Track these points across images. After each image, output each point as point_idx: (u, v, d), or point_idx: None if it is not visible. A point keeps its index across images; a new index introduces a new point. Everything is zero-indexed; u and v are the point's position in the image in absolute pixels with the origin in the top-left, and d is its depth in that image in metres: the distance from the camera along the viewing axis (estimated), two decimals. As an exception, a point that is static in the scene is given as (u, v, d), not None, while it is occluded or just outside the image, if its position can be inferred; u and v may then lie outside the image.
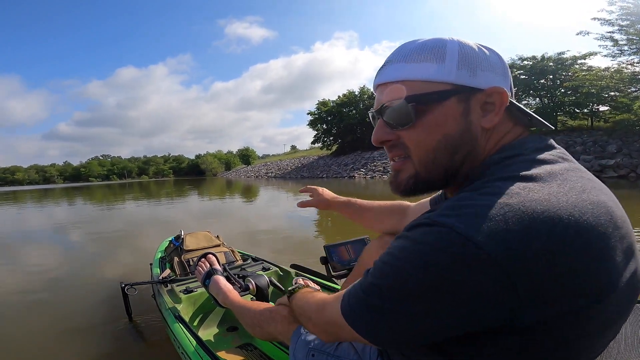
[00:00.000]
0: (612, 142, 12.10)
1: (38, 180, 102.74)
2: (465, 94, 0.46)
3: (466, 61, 0.46)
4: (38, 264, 3.53)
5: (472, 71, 0.46)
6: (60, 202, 13.36)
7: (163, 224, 6.12)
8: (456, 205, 0.40)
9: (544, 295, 0.36)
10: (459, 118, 0.47)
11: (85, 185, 46.70)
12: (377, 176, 18.59)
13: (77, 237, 5.16)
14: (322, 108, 34.32)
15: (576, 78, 15.16)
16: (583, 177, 0.43)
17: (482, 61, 0.47)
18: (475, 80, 0.46)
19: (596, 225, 0.38)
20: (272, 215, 6.62)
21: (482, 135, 0.48)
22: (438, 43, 0.48)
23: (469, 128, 0.47)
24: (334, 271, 1.27)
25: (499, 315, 0.37)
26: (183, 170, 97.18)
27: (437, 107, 0.46)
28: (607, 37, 14.79)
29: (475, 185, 0.43)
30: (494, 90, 0.46)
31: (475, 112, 0.47)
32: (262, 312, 0.86)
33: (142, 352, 1.61)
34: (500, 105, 0.46)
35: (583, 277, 0.37)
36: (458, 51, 0.47)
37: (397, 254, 0.41)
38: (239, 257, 1.94)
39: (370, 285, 0.43)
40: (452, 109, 0.46)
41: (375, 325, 0.43)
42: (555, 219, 0.36)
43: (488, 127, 0.47)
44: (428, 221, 0.40)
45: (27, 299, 2.45)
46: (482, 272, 0.35)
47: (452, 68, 0.46)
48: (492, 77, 0.47)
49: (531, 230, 0.36)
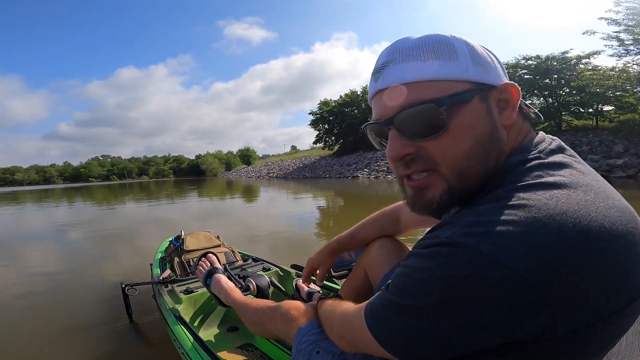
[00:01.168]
0: (618, 142, 12.06)
1: (38, 180, 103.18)
2: (485, 92, 0.44)
3: (477, 57, 0.44)
4: (38, 264, 3.55)
5: (484, 67, 0.44)
6: (60, 203, 13.42)
7: (163, 224, 6.13)
8: (479, 222, 0.38)
9: (576, 308, 0.36)
10: (485, 118, 0.44)
11: (85, 186, 46.85)
12: (381, 176, 18.56)
13: (78, 238, 5.18)
14: (324, 108, 34.29)
15: (583, 77, 15.13)
16: (600, 181, 0.42)
17: (487, 58, 0.46)
18: (489, 76, 0.44)
19: (626, 233, 0.37)
20: (272, 216, 6.63)
21: (504, 134, 0.46)
22: (443, 39, 0.45)
23: (495, 127, 0.44)
24: (334, 271, 1.28)
25: (531, 329, 0.37)
26: (183, 170, 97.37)
27: (465, 109, 0.43)
28: (613, 37, 14.80)
29: (496, 196, 0.40)
30: (507, 86, 0.45)
31: (495, 110, 0.45)
32: (264, 310, 0.86)
33: (143, 353, 1.62)
34: (515, 101, 0.45)
35: (614, 286, 0.37)
36: (467, 47, 0.45)
37: (415, 274, 0.40)
38: (239, 257, 1.95)
39: (395, 304, 0.43)
40: (478, 108, 0.43)
41: (405, 343, 0.43)
42: (587, 231, 0.35)
43: (507, 124, 0.45)
44: (449, 241, 0.38)
45: (27, 298, 2.46)
46: (512, 291, 0.35)
47: (469, 65, 0.43)
48: (499, 74, 0.46)
49: (562, 246, 0.34)
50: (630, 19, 14.25)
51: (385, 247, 0.96)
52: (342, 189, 12.55)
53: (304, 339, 0.69)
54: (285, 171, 34.03)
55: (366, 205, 7.15)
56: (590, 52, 16.43)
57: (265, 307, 0.87)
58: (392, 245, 0.96)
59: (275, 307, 0.83)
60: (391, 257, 0.93)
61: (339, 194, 10.67)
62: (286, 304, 0.81)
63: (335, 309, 0.63)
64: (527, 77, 17.91)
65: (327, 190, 12.28)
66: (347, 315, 0.56)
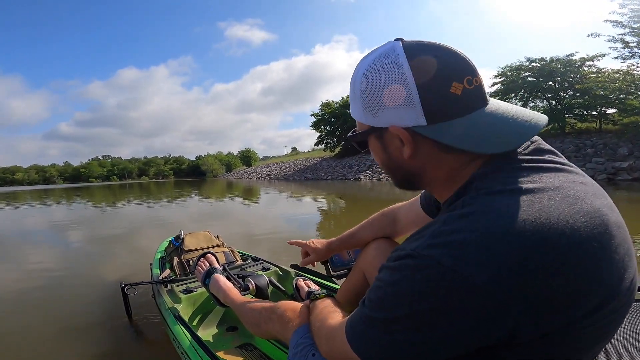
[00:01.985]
0: (622, 145, 12.03)
1: (38, 180, 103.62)
2: (378, 133, 0.50)
3: (367, 102, 0.49)
4: (38, 263, 3.56)
5: (373, 112, 0.48)
6: (60, 203, 13.46)
7: (163, 225, 6.15)
8: (442, 231, 0.40)
9: (540, 312, 0.37)
10: (381, 151, 0.52)
11: (85, 186, 46.95)
12: (384, 179, 18.55)
13: (77, 238, 5.19)
14: (325, 109, 34.31)
15: (588, 80, 15.14)
16: (575, 182, 0.42)
17: (380, 97, 0.47)
18: (378, 120, 0.48)
19: (590, 238, 0.38)
20: (274, 217, 6.63)
21: (416, 163, 0.49)
22: (354, 81, 0.51)
23: (390, 159, 0.51)
24: (333, 271, 1.28)
25: (498, 335, 0.38)
26: (183, 171, 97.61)
27: (370, 142, 0.54)
28: (617, 39, 14.81)
29: (460, 203, 0.43)
30: (391, 130, 0.48)
31: (393, 145, 0.50)
32: (261, 311, 0.87)
33: (142, 352, 1.63)
34: (406, 140, 0.47)
35: (579, 291, 0.37)
36: (360, 90, 0.49)
37: (386, 288, 0.43)
38: (239, 257, 1.96)
39: (369, 318, 0.45)
40: (375, 144, 0.53)
41: (382, 357, 0.44)
42: (546, 238, 0.36)
43: (406, 158, 0.48)
44: (414, 253, 0.40)
45: (27, 298, 2.48)
46: (474, 301, 0.36)
47: (362, 111, 0.50)
48: (392, 114, 0.46)
49: (520, 254, 0.35)
50: (635, 21, 14.27)
51: (382, 249, 0.97)
52: (345, 190, 12.53)
53: (300, 341, 0.70)
54: (287, 173, 33.99)
55: (368, 207, 7.14)
56: (595, 54, 16.44)
57: (262, 308, 0.88)
58: (388, 247, 0.98)
59: (271, 308, 0.84)
60: None
61: (341, 195, 10.67)
62: (282, 305, 0.82)
63: (323, 323, 0.64)
64: (531, 80, 17.91)
65: (329, 192, 12.27)
66: (333, 331, 0.58)
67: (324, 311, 0.68)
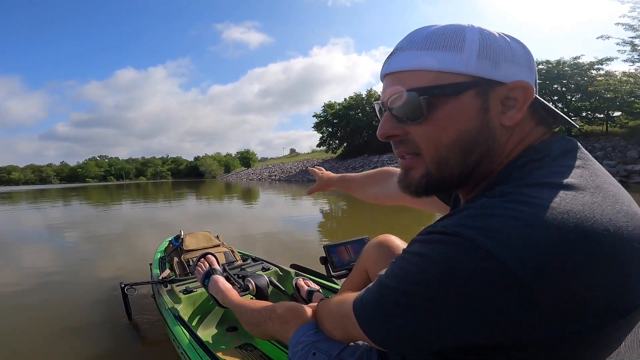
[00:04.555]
0: (631, 148, 12.07)
1: (34, 180, 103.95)
2: (484, 88, 0.43)
3: (488, 51, 0.43)
4: (37, 264, 3.58)
5: (494, 62, 0.43)
6: (57, 203, 13.50)
7: (162, 225, 6.17)
8: (479, 214, 0.38)
9: (568, 313, 0.35)
10: (477, 114, 0.44)
11: (82, 186, 47.00)
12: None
13: (76, 238, 5.21)
14: (328, 111, 34.28)
15: (598, 83, 15.18)
16: (612, 184, 0.41)
17: (506, 52, 0.44)
18: (497, 72, 0.43)
19: (632, 239, 0.36)
20: (274, 217, 6.65)
21: (501, 134, 0.45)
22: (456, 30, 0.45)
23: (486, 125, 0.44)
24: (333, 271, 1.31)
25: (516, 331, 0.37)
26: (182, 172, 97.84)
27: (452, 101, 0.43)
28: (627, 42, 14.88)
29: (498, 191, 0.40)
30: (518, 84, 0.43)
31: (495, 108, 0.44)
32: (260, 312, 0.88)
33: (142, 352, 1.65)
34: (523, 101, 0.43)
35: (613, 295, 0.36)
36: (479, 39, 0.44)
37: (414, 260, 0.40)
38: (239, 257, 1.98)
39: (385, 286, 0.43)
40: (469, 103, 0.43)
41: (382, 325, 0.43)
42: (589, 234, 0.34)
43: (509, 124, 0.44)
44: (447, 230, 0.38)
45: (27, 298, 2.50)
46: (504, 289, 0.34)
47: (472, 58, 0.43)
48: (516, 70, 0.44)
49: (562, 247, 0.34)
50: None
51: (386, 246, 0.98)
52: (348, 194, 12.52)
53: (301, 339, 0.71)
54: (288, 174, 33.94)
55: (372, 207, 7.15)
56: (604, 57, 16.49)
57: (261, 309, 0.89)
58: (393, 244, 0.99)
59: (271, 308, 0.85)
60: (392, 255, 0.96)
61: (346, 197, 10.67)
62: (282, 306, 0.83)
63: (336, 297, 0.65)
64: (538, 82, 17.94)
65: (334, 193, 12.25)
66: (346, 299, 0.57)
67: (334, 298, 0.69)
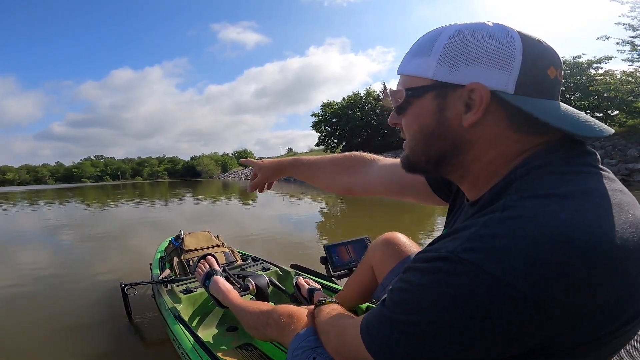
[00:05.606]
0: (631, 146, 12.16)
1: (29, 180, 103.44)
2: (440, 90, 0.47)
3: (450, 55, 0.46)
4: (36, 264, 3.58)
5: (453, 66, 0.45)
6: (54, 204, 13.46)
7: (161, 225, 6.18)
8: (482, 235, 0.38)
9: (579, 324, 0.37)
10: (434, 113, 0.48)
11: (77, 186, 46.81)
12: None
13: (75, 238, 5.21)
14: (327, 110, 34.26)
15: (598, 82, 15.28)
16: (616, 190, 0.42)
17: (471, 53, 0.45)
18: (454, 75, 0.45)
19: (637, 250, 0.37)
20: (273, 217, 6.67)
21: (469, 134, 0.46)
22: (432, 35, 0.49)
23: (443, 124, 0.48)
24: (333, 271, 1.33)
25: (530, 344, 0.38)
26: (178, 172, 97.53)
27: (417, 101, 0.49)
28: (627, 42, 14.98)
29: (501, 205, 0.41)
30: (473, 86, 0.44)
31: (453, 109, 0.46)
32: (258, 315, 0.90)
33: (142, 352, 1.66)
34: (479, 103, 0.44)
35: (621, 304, 0.37)
36: (445, 43, 0.46)
37: (414, 290, 0.41)
38: (239, 257, 1.99)
39: (387, 319, 0.44)
40: (428, 104, 0.48)
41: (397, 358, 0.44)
42: (597, 248, 0.35)
43: (466, 125, 0.46)
44: (450, 256, 0.39)
45: (26, 299, 2.51)
46: (515, 310, 0.35)
47: (432, 63, 0.47)
48: (478, 72, 0.44)
49: (570, 263, 0.34)
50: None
51: (393, 243, 1.01)
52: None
53: (301, 344, 0.71)
54: (286, 174, 33.77)
55: (371, 207, 7.18)
56: (602, 57, 16.59)
57: (259, 312, 0.90)
58: (399, 241, 1.02)
59: (268, 312, 0.86)
60: (399, 252, 0.99)
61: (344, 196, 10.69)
62: (278, 310, 0.84)
63: (332, 322, 0.64)
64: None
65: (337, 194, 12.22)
66: (344, 329, 0.57)
67: (333, 312, 0.69)
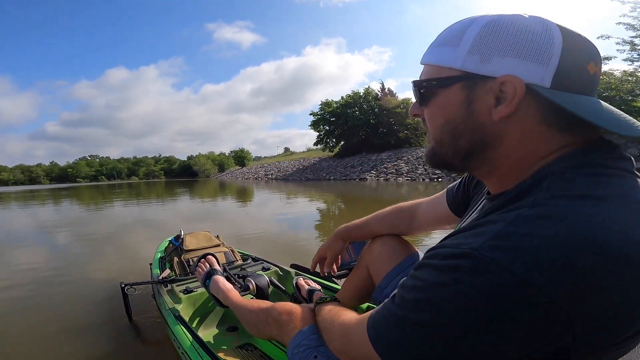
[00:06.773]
0: (631, 145, 12.26)
1: (24, 180, 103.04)
2: (469, 82, 0.45)
3: (482, 46, 0.44)
4: (35, 264, 3.58)
5: (484, 57, 0.44)
6: (50, 204, 13.44)
7: (159, 225, 6.19)
8: (509, 233, 0.37)
9: (600, 331, 0.36)
10: (461, 105, 0.47)
11: (72, 186, 46.67)
12: (392, 178, 18.35)
13: (74, 238, 5.21)
14: (325, 109, 34.22)
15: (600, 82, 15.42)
16: None
17: (506, 45, 0.43)
18: (485, 67, 0.44)
19: None
20: (272, 217, 6.68)
21: (500, 128, 0.45)
22: (461, 25, 0.47)
23: (471, 116, 0.46)
24: (333, 271, 1.35)
25: (548, 349, 0.38)
26: (175, 171, 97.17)
27: (443, 92, 0.48)
28: (627, 42, 15.10)
29: (532, 201, 0.39)
30: (506, 79, 0.42)
31: (482, 102, 0.45)
32: (257, 314, 0.91)
33: (142, 352, 1.67)
34: (512, 96, 0.42)
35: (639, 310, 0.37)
36: (477, 34, 0.45)
37: (429, 289, 0.40)
38: (239, 256, 2.01)
39: (397, 317, 0.43)
40: (455, 95, 0.47)
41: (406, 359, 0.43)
42: (630, 256, 0.34)
43: (496, 119, 0.44)
44: (474, 253, 0.37)
45: (26, 299, 2.52)
46: (540, 314, 0.34)
47: (462, 54, 0.45)
48: (512, 64, 0.42)
49: (601, 269, 0.34)
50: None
51: (389, 244, 1.01)
52: (349, 192, 12.52)
53: (302, 342, 0.72)
54: (285, 173, 33.81)
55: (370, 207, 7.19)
56: (602, 56, 16.69)
57: (259, 310, 0.92)
58: (395, 242, 1.01)
59: (267, 311, 0.88)
60: (395, 254, 0.98)
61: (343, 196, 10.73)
62: (277, 308, 0.85)
63: (335, 319, 0.64)
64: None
65: (337, 193, 12.24)
66: (348, 327, 0.57)
67: (334, 310, 0.69)
